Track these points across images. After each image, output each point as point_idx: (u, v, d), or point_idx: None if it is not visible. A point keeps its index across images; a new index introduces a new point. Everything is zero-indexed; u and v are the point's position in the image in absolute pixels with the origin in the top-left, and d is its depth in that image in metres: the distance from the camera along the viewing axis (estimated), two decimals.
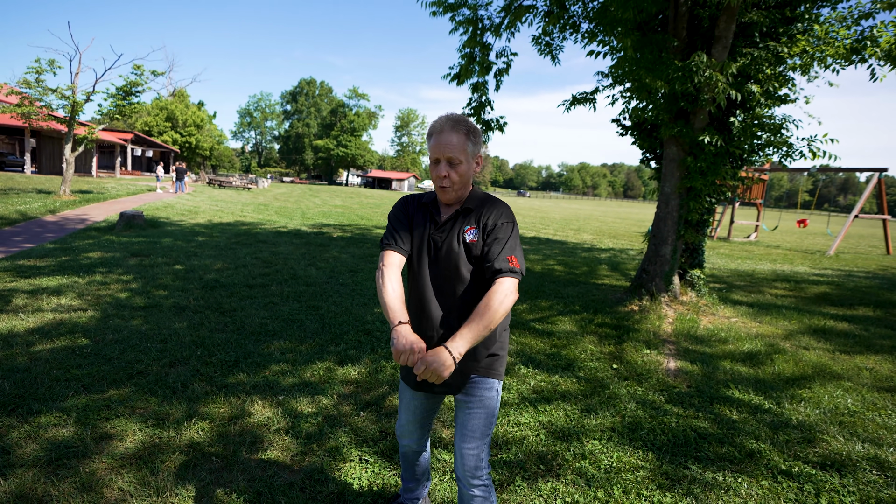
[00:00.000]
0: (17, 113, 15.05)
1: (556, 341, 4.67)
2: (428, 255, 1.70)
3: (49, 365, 3.38)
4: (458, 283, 1.66)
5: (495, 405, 1.75)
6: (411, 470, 2.08)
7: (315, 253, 8.82)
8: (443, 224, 1.70)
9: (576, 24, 6.80)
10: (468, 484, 1.75)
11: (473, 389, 1.72)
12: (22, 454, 2.40)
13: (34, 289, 5.23)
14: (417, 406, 1.89)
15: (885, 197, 16.71)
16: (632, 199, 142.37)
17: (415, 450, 2.01)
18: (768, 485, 2.55)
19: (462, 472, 1.74)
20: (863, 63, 5.30)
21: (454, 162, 1.62)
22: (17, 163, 28.17)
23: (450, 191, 1.66)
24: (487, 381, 1.72)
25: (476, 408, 1.72)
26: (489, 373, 1.72)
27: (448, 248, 1.66)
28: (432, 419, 1.98)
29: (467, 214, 1.69)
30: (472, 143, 1.65)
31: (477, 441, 1.73)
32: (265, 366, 3.65)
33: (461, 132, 1.62)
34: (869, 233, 32.81)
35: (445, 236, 1.68)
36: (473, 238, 1.65)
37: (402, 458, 2.09)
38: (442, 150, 1.62)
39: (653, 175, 7.06)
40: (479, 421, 1.72)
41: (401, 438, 1.99)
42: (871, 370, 4.38)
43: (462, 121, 1.65)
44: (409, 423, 1.93)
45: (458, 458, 1.75)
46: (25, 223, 10.12)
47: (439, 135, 1.62)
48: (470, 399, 1.73)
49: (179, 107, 45.41)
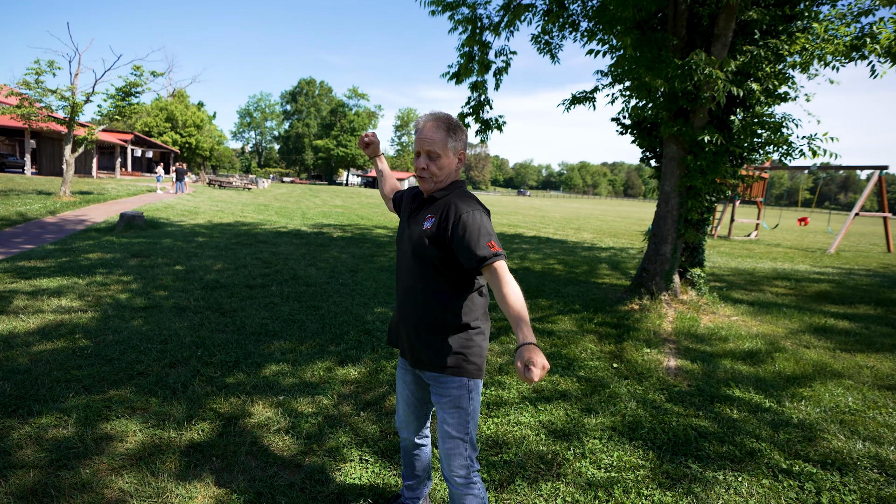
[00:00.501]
0: (16, 114, 15.07)
1: (556, 340, 4.67)
2: (399, 238, 1.87)
3: (49, 366, 3.39)
4: (420, 266, 1.73)
5: (468, 404, 1.74)
6: (411, 466, 2.10)
7: (315, 253, 8.82)
8: (414, 210, 1.84)
9: (575, 22, 6.79)
10: (456, 484, 1.78)
11: (444, 389, 1.74)
12: (23, 455, 2.41)
13: (34, 290, 5.24)
14: (409, 395, 1.94)
15: (885, 195, 16.70)
16: (632, 198, 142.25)
17: (413, 442, 2.04)
18: (769, 483, 2.55)
19: (448, 472, 1.78)
20: (863, 60, 5.29)
21: (433, 155, 1.70)
22: (18, 164, 28.21)
23: (428, 182, 1.74)
24: (456, 380, 1.73)
25: (448, 407, 1.74)
26: (457, 371, 1.73)
27: (410, 233, 1.78)
28: (427, 410, 1.99)
29: (432, 203, 1.76)
30: (452, 138, 1.71)
31: (454, 440, 1.74)
32: (265, 366, 3.65)
33: (442, 128, 1.70)
34: (870, 231, 32.77)
35: (412, 220, 1.81)
36: (429, 226, 1.70)
37: (402, 454, 2.12)
38: (422, 144, 1.71)
39: (653, 174, 7.05)
40: (454, 420, 1.74)
41: (399, 431, 2.04)
42: (872, 368, 4.37)
43: (444, 118, 1.73)
44: (404, 413, 1.98)
45: (442, 459, 1.79)
46: (25, 224, 10.13)
47: (422, 130, 1.72)
48: (441, 398, 1.76)
49: (179, 107, 45.45)
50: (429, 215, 1.73)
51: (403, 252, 1.81)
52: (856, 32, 5.28)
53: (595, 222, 25.27)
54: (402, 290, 1.82)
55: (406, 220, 1.86)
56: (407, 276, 1.79)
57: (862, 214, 16.93)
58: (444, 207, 1.69)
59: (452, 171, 1.75)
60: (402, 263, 1.82)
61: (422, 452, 2.08)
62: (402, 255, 1.82)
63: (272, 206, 20.02)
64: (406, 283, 1.79)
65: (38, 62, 14.71)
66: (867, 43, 5.12)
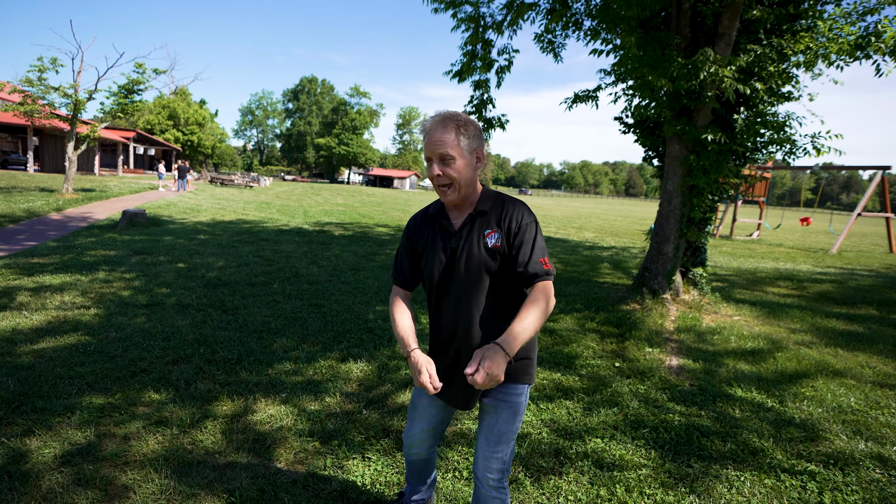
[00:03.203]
0: (20, 111, 15.09)
1: (558, 339, 4.67)
2: (445, 267, 1.63)
3: (53, 363, 3.40)
4: (478, 292, 1.59)
5: (524, 410, 1.71)
6: (419, 475, 2.03)
7: (317, 251, 8.83)
8: (458, 230, 1.63)
9: (578, 21, 6.77)
10: (488, 485, 1.71)
11: (504, 395, 1.66)
12: (26, 451, 2.42)
13: (37, 286, 5.25)
14: (434, 415, 1.80)
15: (888, 195, 16.63)
16: (633, 198, 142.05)
17: (424, 459, 1.94)
18: (771, 483, 2.55)
19: (484, 473, 1.70)
20: (867, 59, 5.27)
21: (446, 159, 1.54)
22: (21, 161, 28.29)
23: (450, 192, 1.58)
24: (518, 387, 1.66)
25: (506, 412, 1.66)
26: (521, 378, 1.65)
27: (468, 255, 1.59)
28: (446, 428, 1.91)
29: (483, 216, 1.61)
30: (465, 137, 1.55)
31: (504, 445, 1.69)
32: (268, 364, 3.66)
33: (450, 127, 1.54)
34: (872, 231, 32.69)
35: (463, 243, 1.60)
36: (496, 243, 1.57)
37: (409, 468, 2.01)
38: (433, 149, 1.54)
39: (655, 173, 7.04)
40: (508, 426, 1.67)
41: (410, 448, 1.90)
42: (874, 368, 4.36)
43: (452, 116, 1.57)
44: (422, 433, 1.84)
45: (482, 460, 1.70)
46: (28, 221, 10.15)
47: (430, 134, 1.56)
48: (499, 404, 1.66)
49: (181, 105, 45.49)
50: (488, 231, 1.58)
51: (460, 277, 1.60)
52: (860, 31, 5.25)
53: (597, 221, 25.24)
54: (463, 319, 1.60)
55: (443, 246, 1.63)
56: (466, 301, 1.60)
57: (864, 215, 16.87)
58: (504, 218, 1.58)
59: (472, 172, 1.60)
60: (458, 291, 1.61)
61: (431, 463, 2.00)
62: (457, 280, 1.61)
63: (274, 204, 20.03)
64: (466, 311, 1.60)
65: (41, 59, 14.75)
66: (872, 42, 5.10)
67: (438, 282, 1.65)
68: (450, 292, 1.63)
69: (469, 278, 1.59)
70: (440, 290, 1.66)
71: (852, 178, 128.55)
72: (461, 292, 1.60)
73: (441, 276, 1.64)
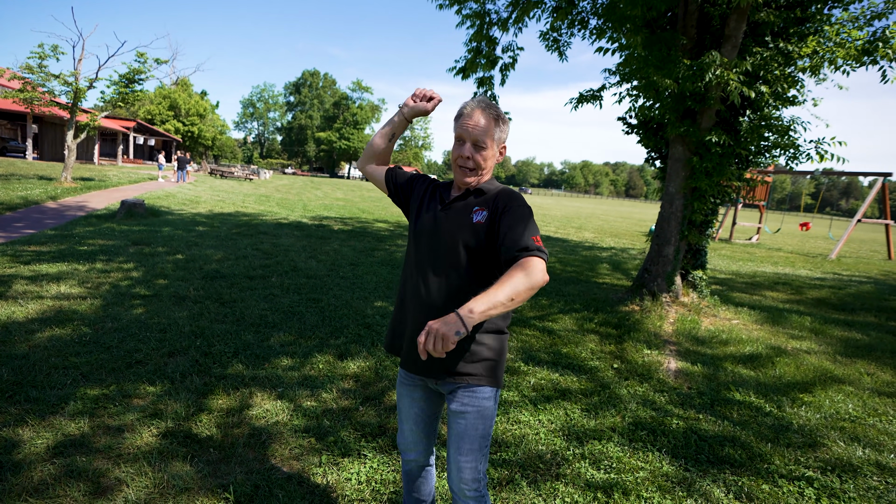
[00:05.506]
0: (19, 98, 15.00)
1: (556, 339, 4.65)
2: (427, 232, 1.64)
3: (48, 352, 3.37)
4: (451, 265, 1.56)
5: (492, 415, 1.62)
6: (417, 491, 1.88)
7: (316, 245, 8.80)
8: (451, 201, 1.65)
9: (584, 20, 6.74)
10: (465, 497, 1.63)
11: (470, 399, 1.59)
12: (18, 442, 2.39)
13: (34, 275, 5.21)
14: (419, 412, 1.74)
15: (888, 202, 16.62)
16: (633, 199, 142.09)
17: (421, 464, 1.83)
18: (769, 488, 2.54)
19: (458, 485, 1.63)
20: (874, 65, 5.24)
21: (479, 145, 1.58)
22: (20, 148, 28.14)
23: (471, 175, 1.61)
24: (486, 390, 1.59)
25: (473, 418, 1.59)
26: (487, 380, 1.59)
27: (451, 223, 1.60)
28: (437, 425, 1.82)
29: (479, 195, 1.63)
30: (499, 130, 1.61)
31: (475, 453, 1.61)
32: (265, 358, 3.63)
33: (490, 116, 1.58)
34: (871, 237, 32.72)
35: (450, 212, 1.63)
36: (481, 220, 1.56)
37: (405, 478, 1.88)
38: (470, 132, 1.57)
39: (657, 174, 7.01)
40: (477, 432, 1.60)
41: (405, 454, 1.81)
42: (872, 375, 4.36)
43: (493, 106, 1.61)
44: (411, 433, 1.77)
45: (455, 470, 1.62)
46: (26, 209, 10.09)
47: (469, 116, 1.58)
48: (466, 409, 1.59)
49: (182, 96, 45.32)
50: (477, 208, 1.59)
51: (434, 246, 1.60)
52: (868, 36, 5.22)
53: (596, 222, 25.22)
54: (425, 287, 1.59)
55: (435, 212, 1.65)
56: (436, 272, 1.58)
57: (864, 221, 16.88)
58: (494, 200, 1.59)
59: (493, 165, 1.64)
60: (429, 258, 1.61)
61: (429, 475, 1.88)
62: (431, 249, 1.61)
63: (273, 198, 19.97)
64: (433, 280, 1.58)
65: (41, 46, 14.64)
66: (879, 47, 5.06)
67: (415, 244, 1.67)
68: (424, 257, 1.63)
69: (445, 248, 1.58)
70: (416, 253, 1.66)
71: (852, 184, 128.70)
72: (434, 260, 1.60)
73: (421, 237, 1.66)
